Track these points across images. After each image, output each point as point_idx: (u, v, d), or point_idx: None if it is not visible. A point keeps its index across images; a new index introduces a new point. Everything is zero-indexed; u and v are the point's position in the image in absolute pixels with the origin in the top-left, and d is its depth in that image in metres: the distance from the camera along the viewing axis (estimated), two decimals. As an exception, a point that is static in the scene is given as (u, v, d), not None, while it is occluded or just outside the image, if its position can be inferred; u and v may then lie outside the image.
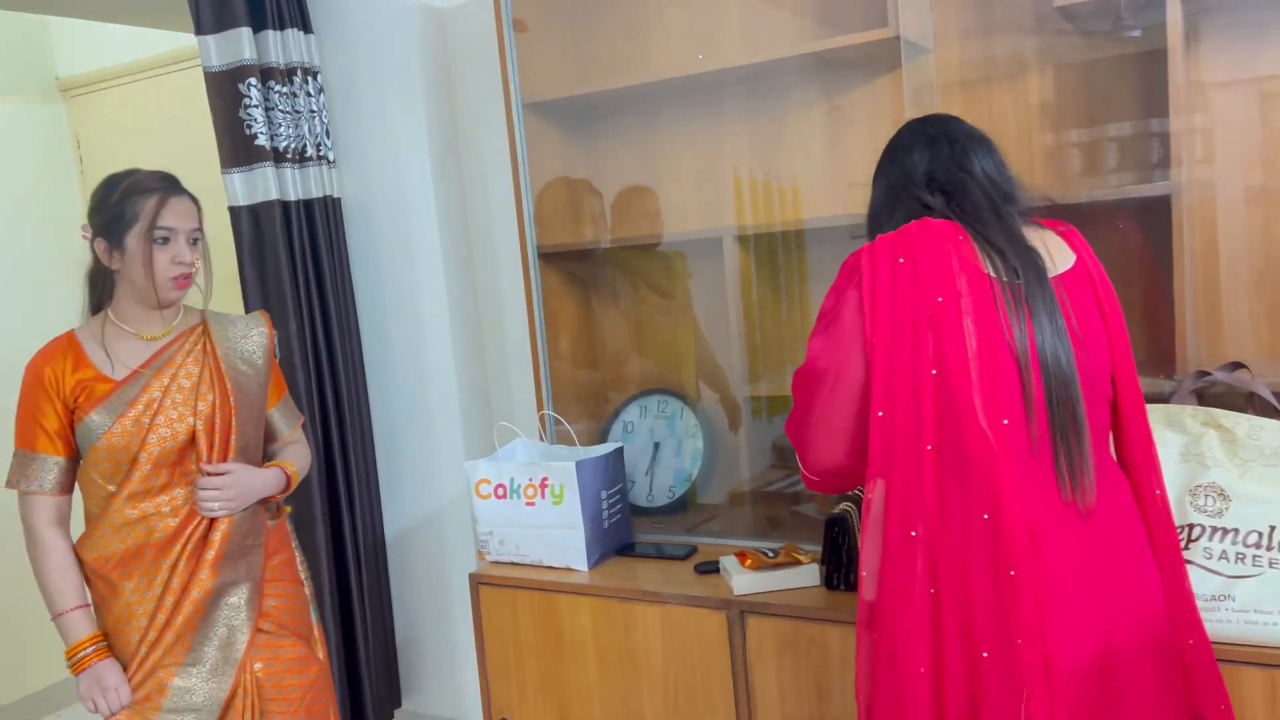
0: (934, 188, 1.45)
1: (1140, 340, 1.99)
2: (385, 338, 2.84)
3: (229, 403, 1.86)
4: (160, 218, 1.80)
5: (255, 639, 1.88)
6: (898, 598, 1.32)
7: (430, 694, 2.95)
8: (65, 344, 1.84)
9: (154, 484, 1.80)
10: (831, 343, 1.40)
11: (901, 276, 1.35)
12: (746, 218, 2.37)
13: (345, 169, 2.80)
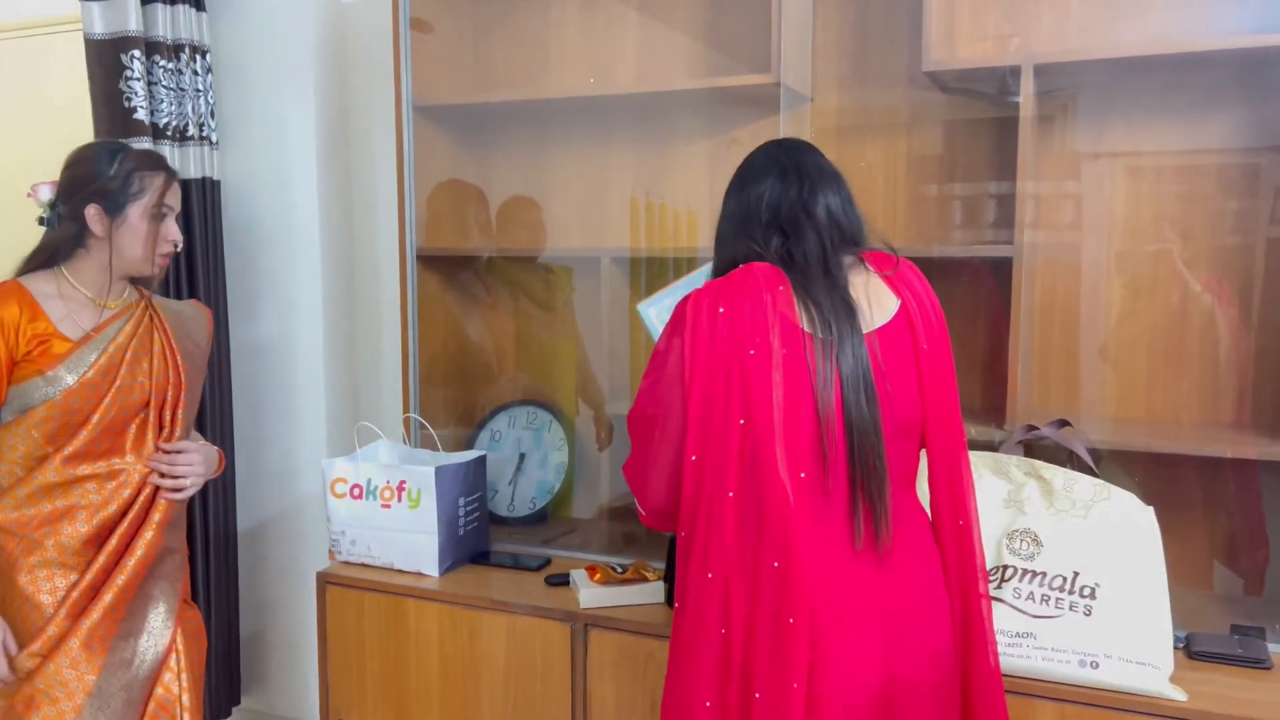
0: (773, 227, 1.48)
1: (977, 390, 2.12)
2: (254, 328, 2.78)
3: (180, 378, 1.90)
4: (167, 196, 1.88)
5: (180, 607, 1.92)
6: (695, 634, 1.40)
7: (271, 692, 2.89)
8: (16, 292, 1.79)
9: (97, 448, 1.81)
10: (657, 388, 1.47)
11: (720, 326, 1.40)
12: (627, 240, 2.42)
13: (228, 151, 2.74)
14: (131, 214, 1.84)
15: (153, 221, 1.86)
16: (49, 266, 1.87)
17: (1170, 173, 1.97)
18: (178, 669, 1.89)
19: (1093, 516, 1.70)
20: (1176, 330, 1.98)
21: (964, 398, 2.12)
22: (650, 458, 1.48)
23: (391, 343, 2.76)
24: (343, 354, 2.80)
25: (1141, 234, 2.00)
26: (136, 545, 1.83)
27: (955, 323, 2.13)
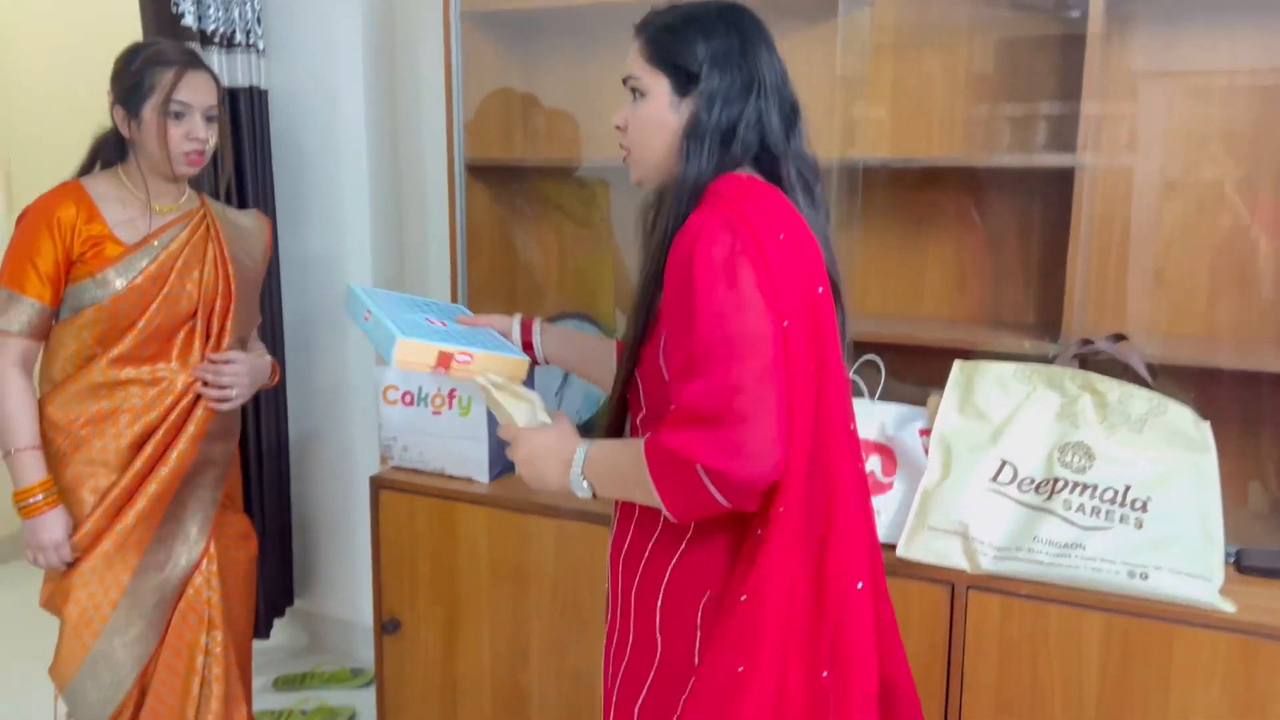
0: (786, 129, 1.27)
1: (1031, 304, 2.10)
2: (303, 237, 2.80)
3: (230, 288, 1.90)
4: (176, 91, 1.80)
5: (220, 514, 1.96)
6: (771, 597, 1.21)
7: (323, 594, 2.99)
8: (76, 193, 1.82)
9: (143, 353, 1.83)
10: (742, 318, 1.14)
11: (787, 255, 1.18)
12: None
13: (275, 60, 2.73)
14: (145, 113, 1.81)
15: (163, 119, 1.80)
16: (105, 168, 1.89)
17: (1239, 93, 1.91)
18: (208, 574, 1.93)
19: (1147, 430, 1.69)
20: (1235, 250, 1.94)
21: (1017, 312, 2.11)
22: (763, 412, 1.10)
23: (438, 254, 2.76)
24: (391, 265, 2.82)
25: (1204, 154, 1.94)
26: (170, 454, 1.86)
27: (1010, 237, 2.11)
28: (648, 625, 1.27)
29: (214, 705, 1.92)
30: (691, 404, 1.11)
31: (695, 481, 1.10)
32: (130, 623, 1.86)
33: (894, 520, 1.78)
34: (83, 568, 1.84)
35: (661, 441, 1.13)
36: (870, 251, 2.23)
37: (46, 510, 1.81)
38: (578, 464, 1.25)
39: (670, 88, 1.25)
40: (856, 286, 2.24)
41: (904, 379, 2.02)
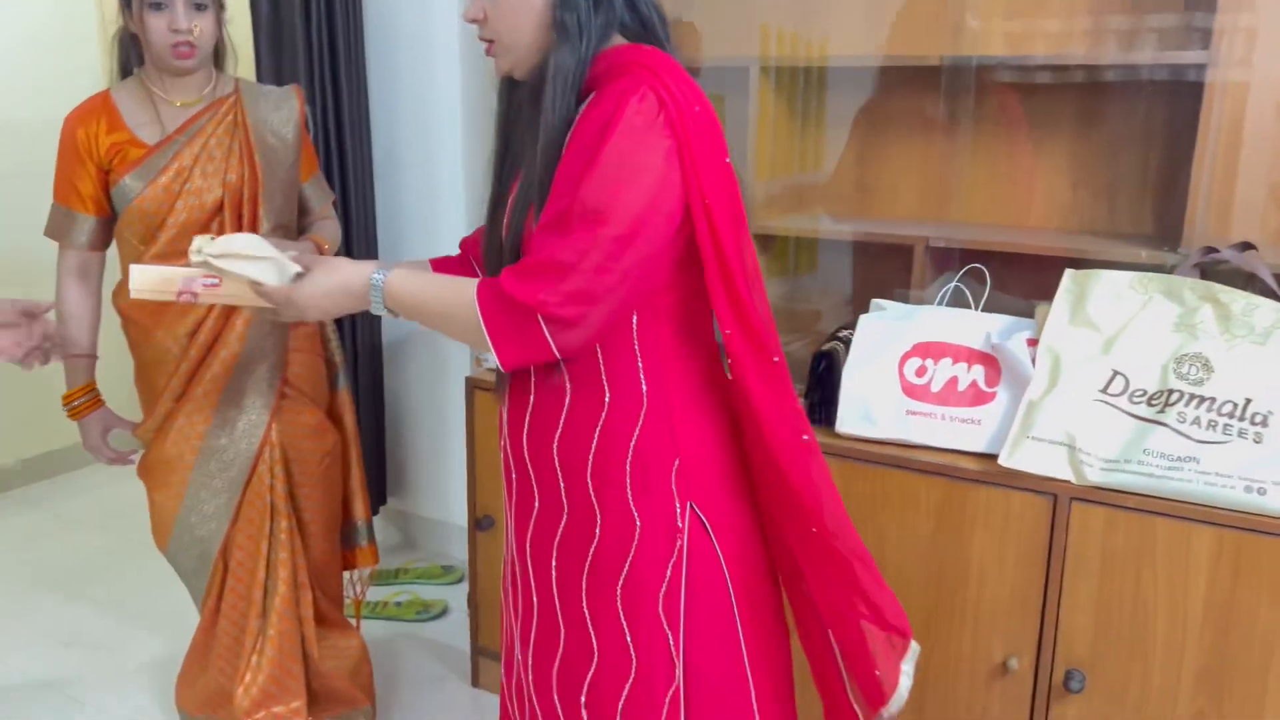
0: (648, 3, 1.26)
1: (1149, 212, 2.00)
2: (396, 136, 2.81)
3: (256, 176, 1.86)
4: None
5: (279, 404, 1.97)
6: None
7: (416, 494, 3.07)
8: (100, 104, 1.84)
9: (180, 247, 1.83)
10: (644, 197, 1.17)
11: (703, 125, 1.18)
12: (771, 50, 2.31)
13: (369, -40, 2.71)
14: (135, 8, 1.77)
15: (146, 12, 1.74)
16: (129, 73, 1.90)
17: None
18: (271, 461, 1.97)
19: (1272, 343, 1.61)
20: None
21: (1134, 222, 2.02)
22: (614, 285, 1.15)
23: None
24: (482, 165, 2.81)
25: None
26: (221, 344, 1.90)
27: (1128, 143, 2.01)
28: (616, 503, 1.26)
29: (280, 589, 1.98)
30: (548, 257, 1.14)
31: (533, 330, 1.15)
32: (201, 501, 1.95)
33: (997, 430, 1.74)
34: (159, 446, 1.94)
35: (505, 290, 1.16)
36: (978, 156, 2.15)
37: (85, 414, 1.93)
38: (376, 296, 1.24)
39: None
40: (962, 192, 2.16)
41: (1010, 290, 1.96)
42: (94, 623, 2.70)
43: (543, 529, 1.31)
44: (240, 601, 1.99)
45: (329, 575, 2.14)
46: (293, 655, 2.00)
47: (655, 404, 1.26)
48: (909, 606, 1.80)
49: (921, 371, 1.80)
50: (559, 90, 1.19)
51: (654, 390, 1.26)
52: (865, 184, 2.29)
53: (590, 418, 1.26)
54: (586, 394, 1.26)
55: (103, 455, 1.96)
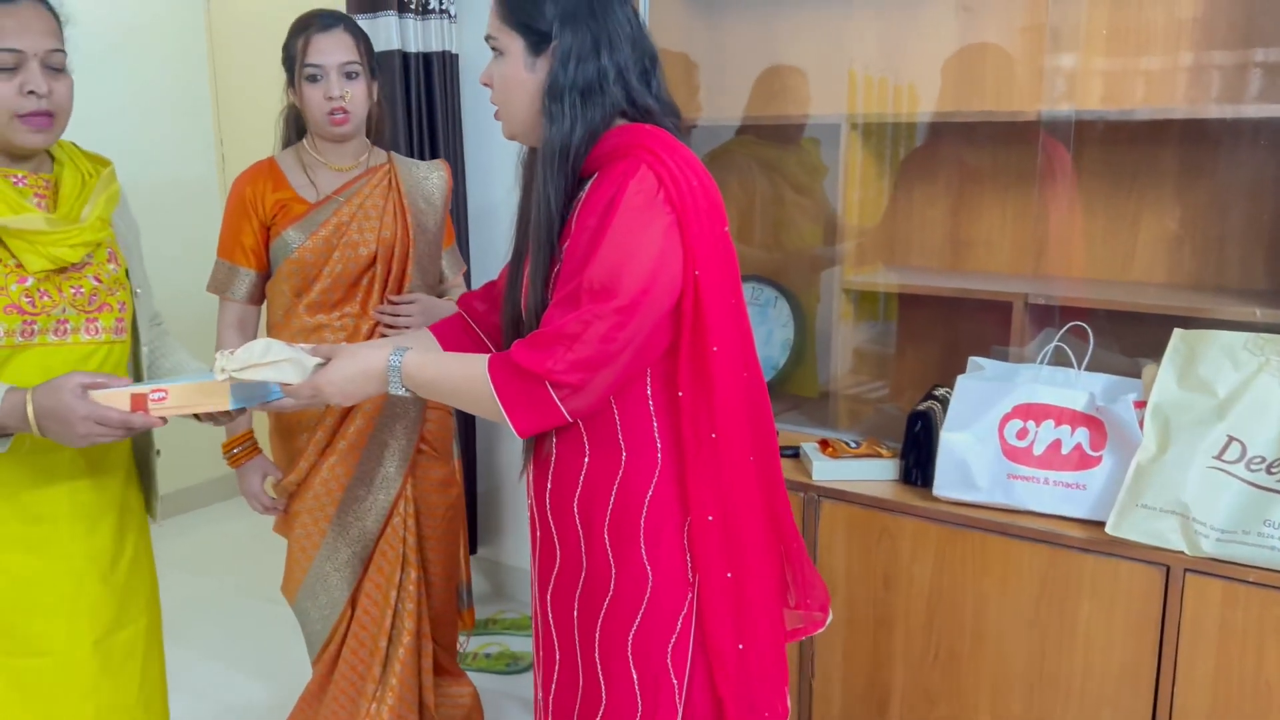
0: (645, 75, 1.30)
1: (1261, 268, 1.93)
2: (490, 192, 2.87)
3: (408, 235, 1.97)
4: (307, 55, 1.87)
5: (415, 458, 2.05)
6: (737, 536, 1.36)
7: (506, 543, 3.10)
8: (266, 167, 1.97)
9: (331, 298, 1.95)
10: (645, 271, 1.24)
11: (700, 199, 1.25)
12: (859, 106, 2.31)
13: (465, 25, 2.79)
14: (297, 82, 1.91)
15: (304, 84, 1.88)
16: (290, 143, 2.03)
17: None
18: (405, 515, 2.04)
19: (1403, 409, 1.53)
20: None
21: (1244, 277, 1.95)
22: (617, 352, 1.22)
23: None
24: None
25: None
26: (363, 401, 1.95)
27: (1236, 195, 1.94)
28: (631, 557, 1.31)
29: (405, 639, 2.04)
30: (556, 329, 1.21)
31: (543, 396, 1.22)
32: (337, 550, 2.01)
33: (1101, 496, 1.69)
34: (303, 497, 2.00)
35: (515, 361, 1.23)
36: (1077, 210, 2.10)
37: (245, 461, 2.01)
38: (394, 378, 1.31)
39: (524, 48, 1.28)
40: (1062, 248, 2.12)
41: (1114, 348, 1.91)
42: (198, 667, 2.78)
43: (564, 583, 1.37)
44: (364, 649, 2.04)
45: (446, 626, 2.19)
46: (411, 705, 2.05)
47: (668, 460, 1.30)
48: (1009, 676, 1.76)
49: (1023, 434, 1.75)
50: (548, 170, 1.26)
51: (668, 449, 1.30)
52: (959, 238, 2.26)
53: (608, 475, 1.31)
54: (604, 453, 1.31)
55: (259, 502, 2.03)
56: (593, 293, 1.20)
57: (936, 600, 1.82)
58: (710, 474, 1.28)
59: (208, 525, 3.76)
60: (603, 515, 1.31)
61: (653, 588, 1.30)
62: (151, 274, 1.96)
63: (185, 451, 3.88)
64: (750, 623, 1.33)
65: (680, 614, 1.31)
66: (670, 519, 1.30)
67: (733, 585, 1.31)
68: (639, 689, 1.32)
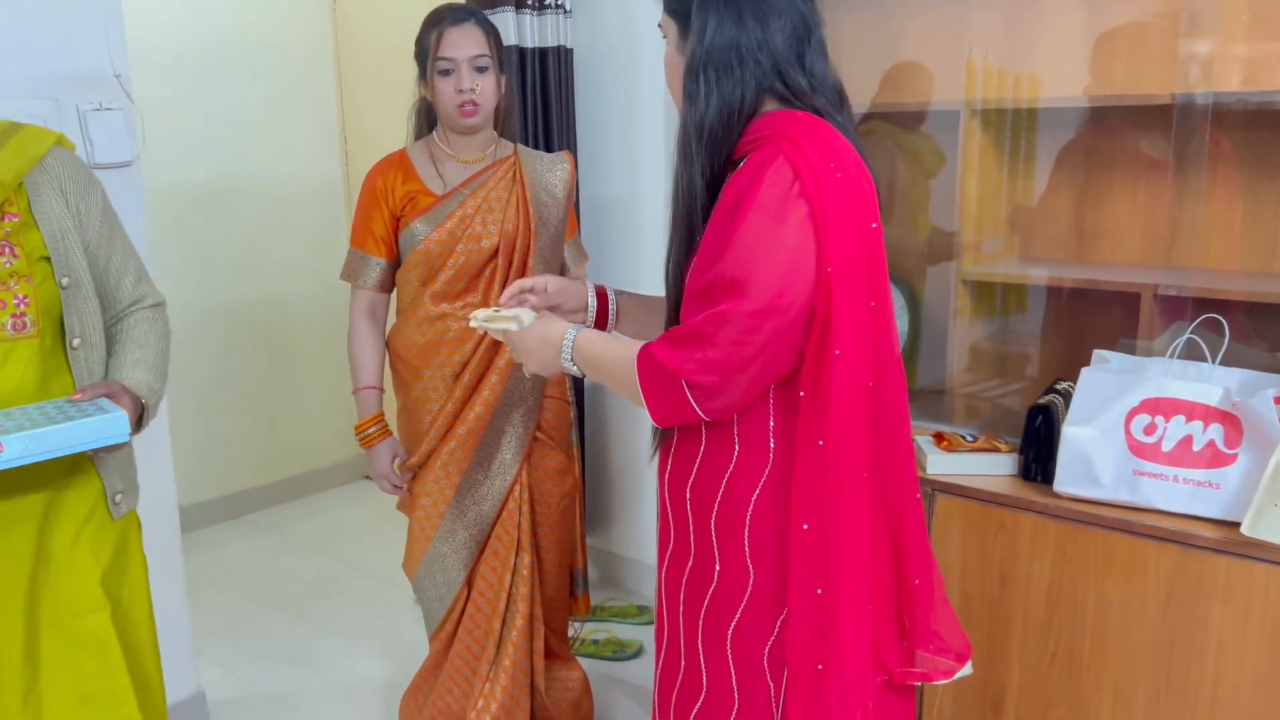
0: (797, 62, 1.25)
1: None
2: (602, 185, 2.91)
3: (530, 227, 2.02)
4: (440, 49, 1.93)
5: (531, 445, 2.10)
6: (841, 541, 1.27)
7: (614, 532, 3.14)
8: (398, 159, 2.05)
9: (455, 288, 2.01)
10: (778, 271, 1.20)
11: (842, 192, 1.19)
12: (978, 93, 2.25)
13: (580, 19, 2.83)
14: (429, 76, 1.97)
15: (437, 77, 1.94)
16: (421, 136, 2.09)
17: None
18: (520, 500, 2.09)
19: None
20: None
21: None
22: (752, 356, 1.18)
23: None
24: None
25: None
26: (485, 383, 2.03)
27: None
28: (734, 553, 1.29)
29: (518, 622, 2.09)
30: (692, 327, 1.20)
31: (678, 393, 1.21)
32: (454, 531, 2.07)
33: (1236, 495, 1.61)
34: (424, 479, 2.07)
35: (655, 355, 1.23)
36: (1215, 199, 2.00)
37: (377, 442, 2.08)
38: (567, 348, 1.34)
39: (677, 30, 1.27)
40: (1194, 237, 2.02)
41: (1251, 342, 1.81)
42: (319, 642, 2.90)
43: (675, 565, 1.37)
44: (479, 630, 2.10)
45: (558, 611, 2.24)
46: (523, 686, 2.10)
47: (780, 464, 1.26)
48: (1133, 681, 1.69)
49: (1151, 429, 1.68)
50: (686, 154, 1.26)
51: (781, 451, 1.26)
52: (1084, 228, 2.18)
53: (718, 468, 1.30)
54: (718, 445, 1.29)
55: (389, 481, 2.09)
56: (725, 291, 1.18)
57: (1056, 599, 1.77)
58: (813, 482, 1.23)
59: (330, 509, 3.92)
60: (710, 507, 1.30)
61: (753, 587, 1.29)
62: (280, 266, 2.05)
63: (307, 437, 4.07)
64: (835, 646, 1.26)
65: (779, 618, 1.29)
66: (776, 522, 1.27)
67: (821, 603, 1.25)
68: (736, 684, 1.31)
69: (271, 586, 3.26)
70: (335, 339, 3.93)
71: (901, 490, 1.31)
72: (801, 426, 1.23)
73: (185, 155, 3.47)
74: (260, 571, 3.38)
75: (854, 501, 1.25)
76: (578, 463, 2.27)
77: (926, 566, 1.34)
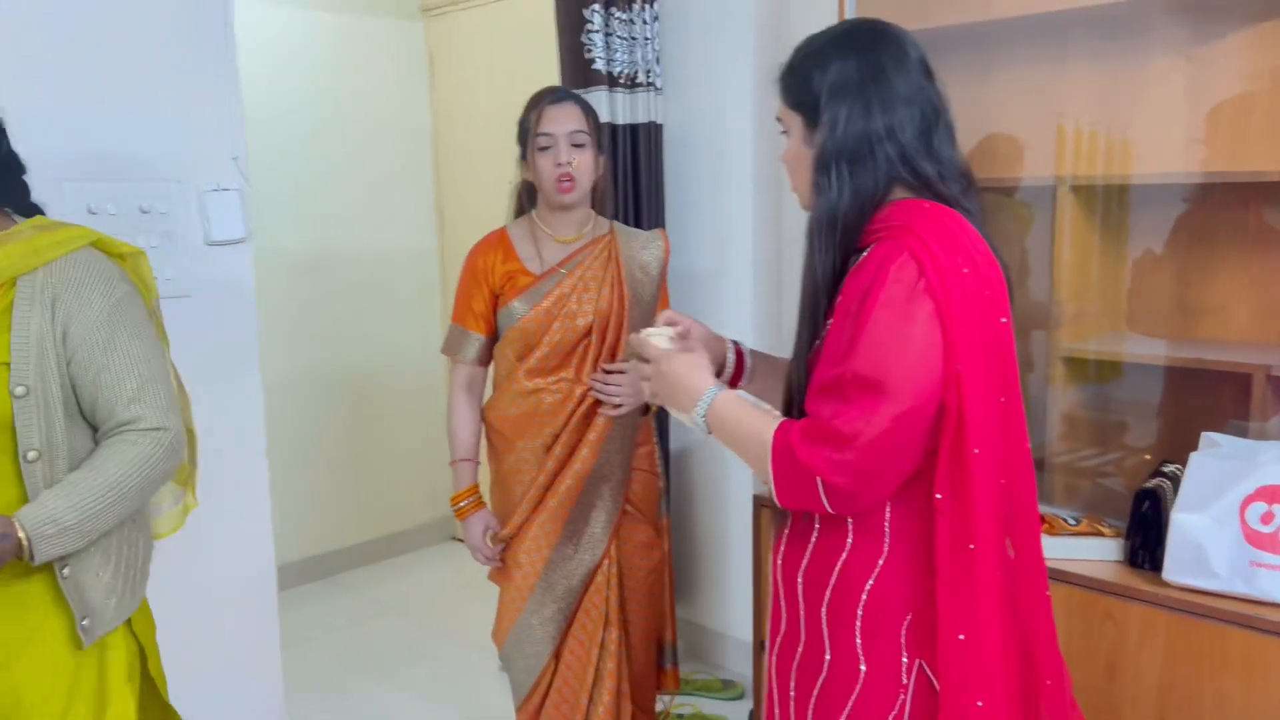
0: (925, 150, 1.25)
1: None
2: (689, 258, 2.93)
3: (624, 304, 2.06)
4: (540, 125, 2.00)
5: (620, 519, 2.11)
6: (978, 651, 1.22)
7: (698, 604, 3.10)
8: (498, 239, 2.11)
9: (549, 364, 2.06)
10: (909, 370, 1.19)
11: (969, 287, 1.18)
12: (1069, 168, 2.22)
13: (670, 96, 2.90)
14: (530, 154, 2.02)
15: (537, 154, 2.00)
16: (522, 214, 2.14)
17: None
18: (609, 574, 2.09)
19: None
20: None
21: None
22: (889, 461, 1.18)
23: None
24: (769, 285, 2.88)
25: None
26: (575, 457, 2.05)
27: None
28: (845, 643, 1.26)
29: (604, 698, 2.07)
30: (830, 425, 1.17)
31: (811, 488, 1.18)
32: (543, 604, 2.08)
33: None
34: (515, 550, 2.09)
35: (793, 446, 1.20)
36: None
37: (470, 514, 2.12)
38: (702, 406, 1.31)
39: (803, 124, 1.28)
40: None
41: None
42: (405, 706, 2.91)
43: (785, 649, 1.35)
44: (566, 704, 2.09)
45: (645, 688, 2.23)
46: None
47: (896, 554, 1.24)
48: (1257, 788, 1.60)
49: (1268, 518, 1.62)
50: (815, 244, 1.25)
51: (897, 541, 1.24)
52: (1187, 304, 2.12)
53: (831, 556, 1.27)
54: (832, 532, 1.27)
55: (482, 553, 2.12)
56: (861, 389, 1.16)
57: (1167, 695, 1.69)
58: (965, 588, 1.18)
59: (416, 570, 3.96)
60: (822, 593, 1.28)
61: (864, 680, 1.25)
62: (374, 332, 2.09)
63: (395, 498, 4.13)
64: None
65: (891, 713, 1.25)
66: (889, 614, 1.24)
67: (982, 715, 1.18)
68: None
69: (358, 647, 3.30)
70: (424, 402, 4.02)
71: (1033, 588, 1.26)
72: (945, 530, 1.19)
73: (289, 226, 3.61)
74: (347, 632, 3.43)
75: (995, 602, 1.20)
76: (667, 535, 2.26)
77: (1058, 667, 1.28)
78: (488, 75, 3.75)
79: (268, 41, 3.51)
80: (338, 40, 3.78)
